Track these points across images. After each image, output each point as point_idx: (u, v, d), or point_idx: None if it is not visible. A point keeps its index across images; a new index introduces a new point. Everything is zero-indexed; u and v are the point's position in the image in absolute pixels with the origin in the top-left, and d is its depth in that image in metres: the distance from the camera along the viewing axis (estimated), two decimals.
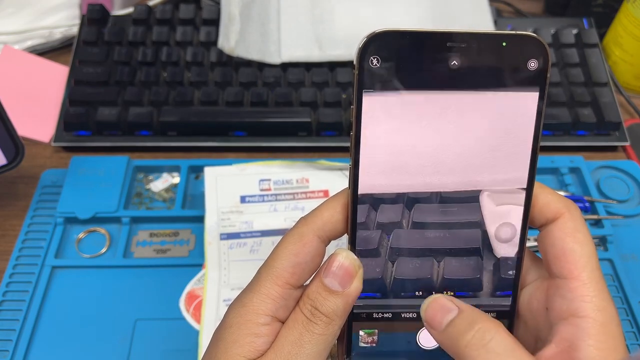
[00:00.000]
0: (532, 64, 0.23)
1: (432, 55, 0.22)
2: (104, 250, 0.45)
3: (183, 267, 0.44)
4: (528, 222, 0.25)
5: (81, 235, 0.46)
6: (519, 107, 0.23)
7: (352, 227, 0.24)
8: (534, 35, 0.23)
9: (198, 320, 0.41)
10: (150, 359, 0.40)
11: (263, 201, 0.45)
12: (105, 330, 0.41)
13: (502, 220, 0.25)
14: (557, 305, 0.23)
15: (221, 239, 0.44)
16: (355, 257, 0.24)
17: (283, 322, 0.24)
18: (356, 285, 0.24)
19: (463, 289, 0.25)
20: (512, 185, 0.24)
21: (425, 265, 0.25)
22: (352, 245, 0.24)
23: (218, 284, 0.42)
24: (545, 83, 0.23)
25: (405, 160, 0.24)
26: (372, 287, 0.25)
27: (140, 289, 0.43)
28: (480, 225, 0.25)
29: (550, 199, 0.24)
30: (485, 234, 0.25)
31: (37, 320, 0.41)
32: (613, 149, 0.54)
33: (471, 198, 0.24)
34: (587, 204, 0.47)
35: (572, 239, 0.23)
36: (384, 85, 0.22)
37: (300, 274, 0.24)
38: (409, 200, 0.24)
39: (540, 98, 0.23)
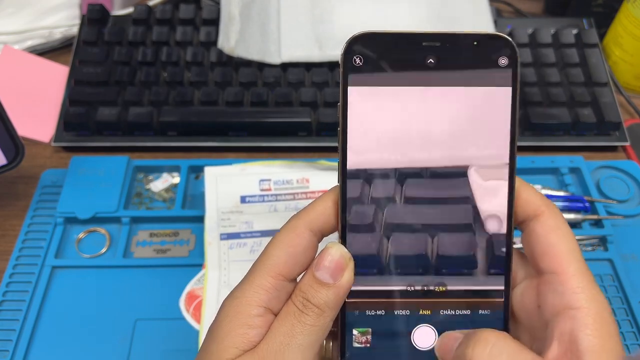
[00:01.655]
0: (503, 61, 0.25)
1: (410, 53, 0.24)
2: (104, 250, 0.45)
3: (183, 267, 0.44)
4: (514, 206, 0.25)
5: (81, 235, 0.46)
6: (494, 101, 0.25)
7: (342, 221, 0.25)
8: (502, 34, 0.25)
9: (198, 320, 0.41)
10: (150, 359, 0.40)
11: (263, 201, 0.45)
12: (105, 330, 0.41)
13: (488, 207, 0.25)
14: (549, 301, 0.23)
15: (221, 239, 0.44)
16: (346, 250, 0.25)
17: (276, 315, 0.24)
18: (347, 278, 0.24)
19: (458, 266, 0.25)
20: (496, 163, 0.25)
21: (420, 241, 0.25)
22: (343, 239, 0.25)
23: (218, 284, 0.42)
24: (516, 78, 0.25)
25: (389, 143, 0.25)
26: (366, 264, 0.25)
27: (140, 289, 0.43)
28: (470, 201, 0.25)
29: (530, 196, 0.25)
30: (476, 209, 0.25)
31: (37, 320, 0.41)
32: (613, 149, 0.54)
33: (459, 174, 0.25)
34: (587, 204, 0.47)
35: (555, 234, 0.24)
36: (367, 81, 0.24)
37: (293, 266, 0.24)
38: (400, 176, 0.25)
39: (513, 91, 0.25)
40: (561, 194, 0.48)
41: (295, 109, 0.52)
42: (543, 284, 0.24)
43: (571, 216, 0.46)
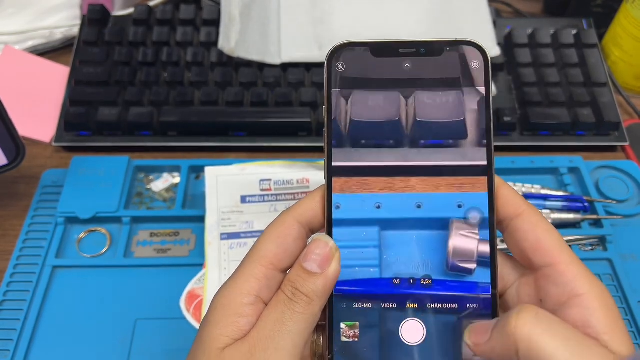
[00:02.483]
0: (475, 64, 0.26)
1: (388, 59, 0.27)
2: (104, 250, 0.45)
3: (183, 266, 0.44)
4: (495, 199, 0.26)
5: (82, 235, 0.46)
6: (469, 101, 0.26)
7: (328, 215, 0.26)
8: (473, 40, 0.27)
9: (198, 320, 0.41)
10: (150, 358, 0.40)
11: (263, 201, 0.46)
12: (105, 330, 0.41)
13: (469, 205, 0.26)
14: (552, 293, 0.24)
15: (221, 239, 0.44)
16: (333, 241, 0.25)
17: (267, 304, 0.25)
18: (334, 267, 0.25)
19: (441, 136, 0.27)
20: (475, 160, 0.26)
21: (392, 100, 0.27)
22: (329, 233, 0.26)
23: (218, 283, 0.42)
24: (488, 79, 0.26)
25: (371, 142, 0.27)
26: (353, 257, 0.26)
27: (140, 289, 0.43)
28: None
29: (511, 196, 0.26)
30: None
31: (38, 320, 0.41)
32: (612, 149, 0.54)
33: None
34: (586, 204, 0.47)
35: (541, 229, 0.25)
36: (349, 84, 0.27)
37: (283, 256, 0.25)
38: (384, 172, 0.27)
39: (486, 92, 0.26)
40: (560, 194, 0.48)
41: (295, 109, 0.52)
42: (541, 278, 0.25)
43: (570, 216, 0.47)
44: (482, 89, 0.26)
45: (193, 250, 0.45)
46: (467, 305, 0.25)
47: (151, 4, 0.60)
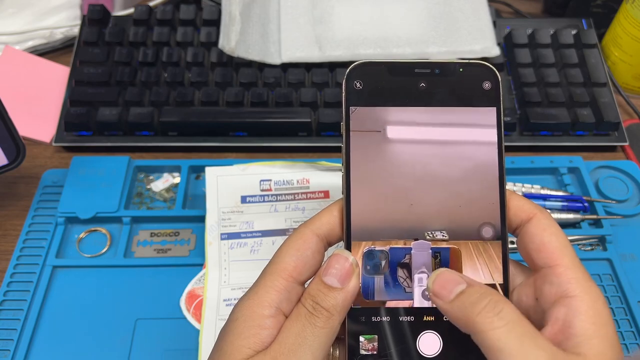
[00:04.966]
0: (487, 85, 0.28)
1: (404, 79, 0.28)
2: (104, 250, 0.45)
3: (183, 266, 0.44)
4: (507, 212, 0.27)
5: (82, 235, 0.46)
6: (482, 120, 0.28)
7: (346, 230, 0.27)
8: (485, 63, 0.28)
9: (199, 320, 0.41)
10: (151, 358, 0.40)
11: (264, 201, 0.46)
12: (106, 330, 0.41)
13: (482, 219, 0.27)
14: (546, 292, 0.25)
15: (222, 239, 0.44)
16: (352, 257, 0.26)
17: (287, 316, 0.25)
18: (354, 283, 0.25)
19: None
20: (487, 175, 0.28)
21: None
22: (348, 247, 0.27)
23: (218, 283, 0.42)
24: (499, 99, 0.28)
25: (388, 157, 0.28)
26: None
27: (140, 289, 0.43)
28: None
29: (522, 203, 0.27)
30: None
31: (38, 320, 0.41)
32: (612, 149, 0.54)
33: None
34: (586, 204, 0.47)
35: (548, 232, 0.25)
36: (366, 102, 0.28)
37: (302, 268, 0.25)
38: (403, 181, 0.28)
39: (497, 111, 0.28)
40: (560, 193, 0.48)
41: (295, 109, 0.52)
42: (540, 278, 0.25)
43: (570, 216, 0.47)
44: (494, 109, 0.27)
45: (193, 250, 0.45)
46: None
47: (151, 4, 0.60)
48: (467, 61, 0.28)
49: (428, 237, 0.27)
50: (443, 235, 0.27)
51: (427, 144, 0.27)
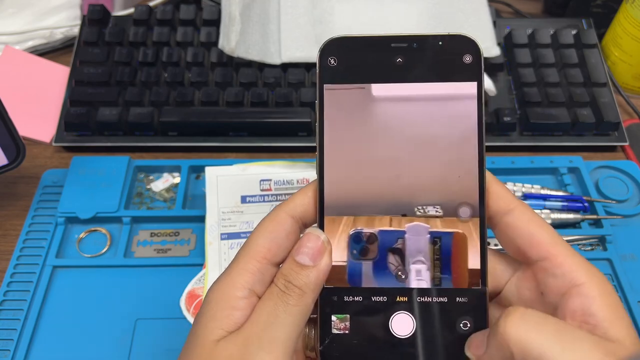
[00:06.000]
0: (467, 58, 0.26)
1: (380, 54, 0.26)
2: (104, 250, 0.45)
3: (183, 266, 0.44)
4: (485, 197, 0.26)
5: (82, 235, 0.46)
6: (462, 96, 0.26)
7: (320, 208, 0.26)
8: (466, 34, 0.26)
9: None
10: (151, 358, 0.40)
11: (264, 201, 0.46)
12: (106, 330, 0.41)
13: (460, 198, 0.26)
14: (552, 284, 0.24)
15: (222, 238, 0.44)
16: (324, 235, 0.26)
17: (260, 298, 0.25)
18: (326, 261, 0.25)
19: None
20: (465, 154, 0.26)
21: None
22: (321, 226, 0.26)
23: None
24: (480, 73, 0.26)
25: (364, 136, 0.27)
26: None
27: (141, 289, 0.43)
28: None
29: (502, 192, 0.26)
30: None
31: (38, 320, 0.41)
32: (612, 149, 0.54)
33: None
34: (586, 204, 0.47)
35: (534, 224, 0.25)
36: (341, 79, 0.26)
37: (276, 250, 0.25)
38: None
39: (478, 86, 0.26)
40: (560, 193, 0.48)
41: (295, 109, 0.52)
42: (539, 271, 0.25)
43: (570, 216, 0.47)
44: (475, 83, 0.26)
45: (193, 250, 0.45)
46: (457, 299, 0.26)
47: (151, 4, 0.60)
48: (446, 34, 0.26)
49: (419, 213, 0.26)
50: (437, 211, 0.26)
51: (402, 124, 0.26)
